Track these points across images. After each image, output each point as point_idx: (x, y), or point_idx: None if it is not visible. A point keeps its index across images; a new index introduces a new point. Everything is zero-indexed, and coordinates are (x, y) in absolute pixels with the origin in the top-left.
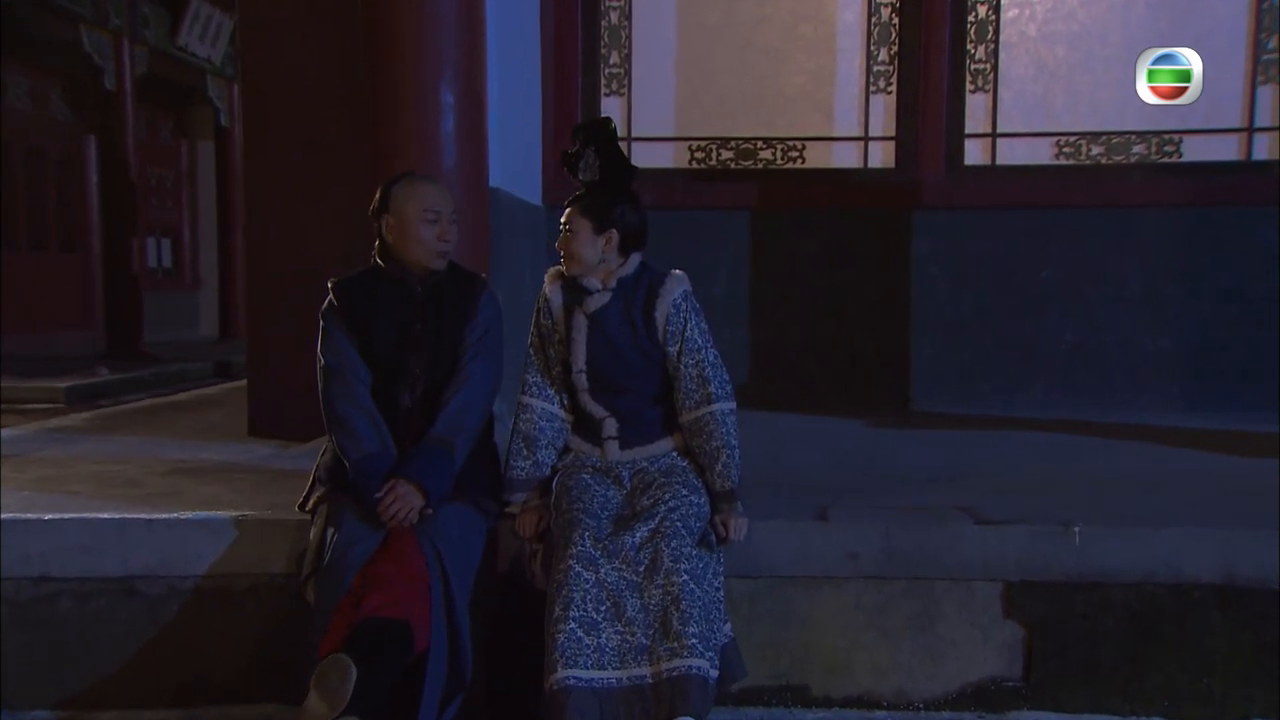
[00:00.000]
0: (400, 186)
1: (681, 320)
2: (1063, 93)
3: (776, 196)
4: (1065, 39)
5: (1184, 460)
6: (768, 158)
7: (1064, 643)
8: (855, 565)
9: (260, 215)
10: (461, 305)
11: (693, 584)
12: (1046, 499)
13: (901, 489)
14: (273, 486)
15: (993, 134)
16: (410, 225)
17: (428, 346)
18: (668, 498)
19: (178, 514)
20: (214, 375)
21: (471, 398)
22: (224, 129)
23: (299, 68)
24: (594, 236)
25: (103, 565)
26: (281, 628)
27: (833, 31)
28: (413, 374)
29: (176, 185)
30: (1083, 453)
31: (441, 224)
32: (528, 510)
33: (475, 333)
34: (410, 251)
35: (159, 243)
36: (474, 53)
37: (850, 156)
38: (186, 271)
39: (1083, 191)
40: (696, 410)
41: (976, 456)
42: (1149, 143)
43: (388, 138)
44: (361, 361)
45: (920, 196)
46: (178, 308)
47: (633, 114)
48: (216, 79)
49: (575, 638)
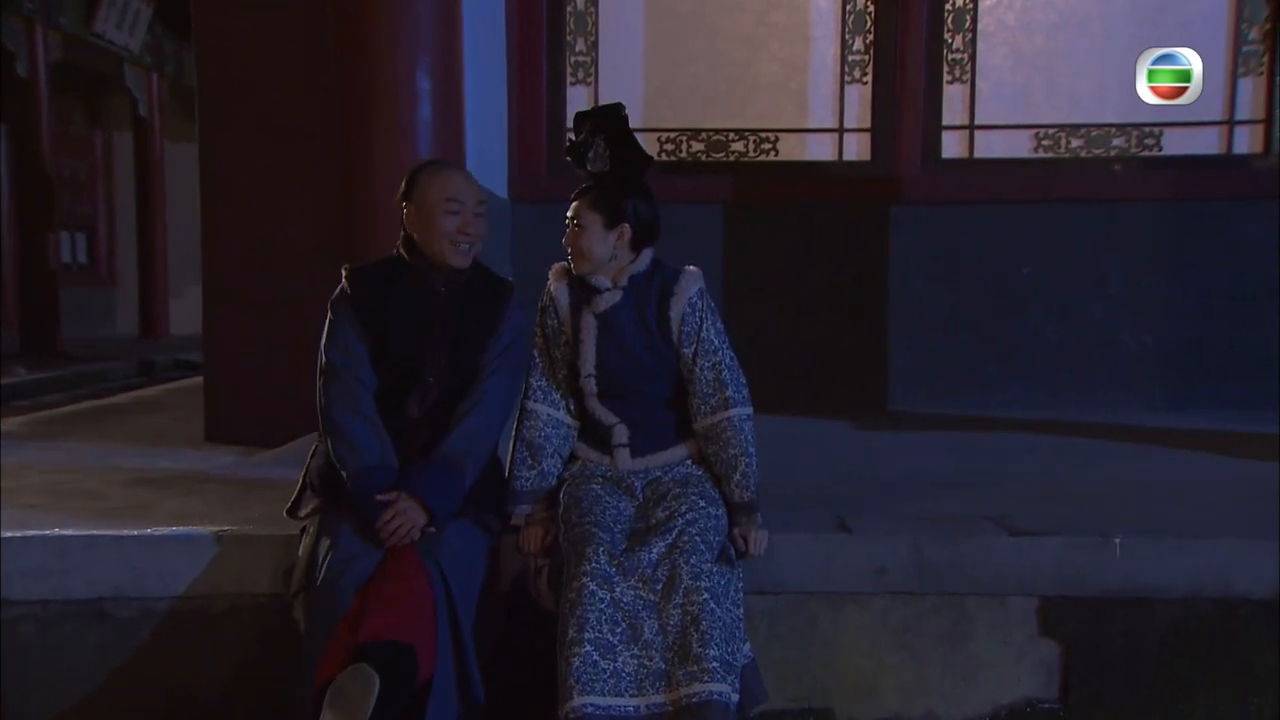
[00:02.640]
0: (425, 173)
1: (697, 320)
2: (1042, 84)
3: (749, 190)
4: (1044, 28)
5: (1195, 464)
6: (739, 150)
7: (1103, 662)
8: (882, 580)
9: (218, 205)
10: (486, 312)
11: (713, 603)
12: (1071, 507)
13: (914, 497)
14: (246, 498)
15: (970, 126)
16: (431, 215)
17: (445, 353)
18: (684, 510)
19: (151, 530)
20: (137, 375)
21: (489, 416)
22: (143, 119)
23: (261, 45)
24: (605, 232)
25: (69, 587)
26: (265, 652)
27: (806, 19)
28: (426, 382)
29: (91, 177)
30: (1088, 456)
31: (465, 215)
32: (532, 524)
33: (499, 344)
34: (431, 244)
35: (73, 237)
36: (451, 36)
37: (824, 149)
38: (103, 267)
39: (1063, 185)
40: (713, 416)
41: (980, 461)
42: (1129, 136)
43: (360, 125)
44: (369, 362)
45: (897, 190)
46: (94, 305)
47: (599, 104)
48: (134, 68)
49: (591, 661)
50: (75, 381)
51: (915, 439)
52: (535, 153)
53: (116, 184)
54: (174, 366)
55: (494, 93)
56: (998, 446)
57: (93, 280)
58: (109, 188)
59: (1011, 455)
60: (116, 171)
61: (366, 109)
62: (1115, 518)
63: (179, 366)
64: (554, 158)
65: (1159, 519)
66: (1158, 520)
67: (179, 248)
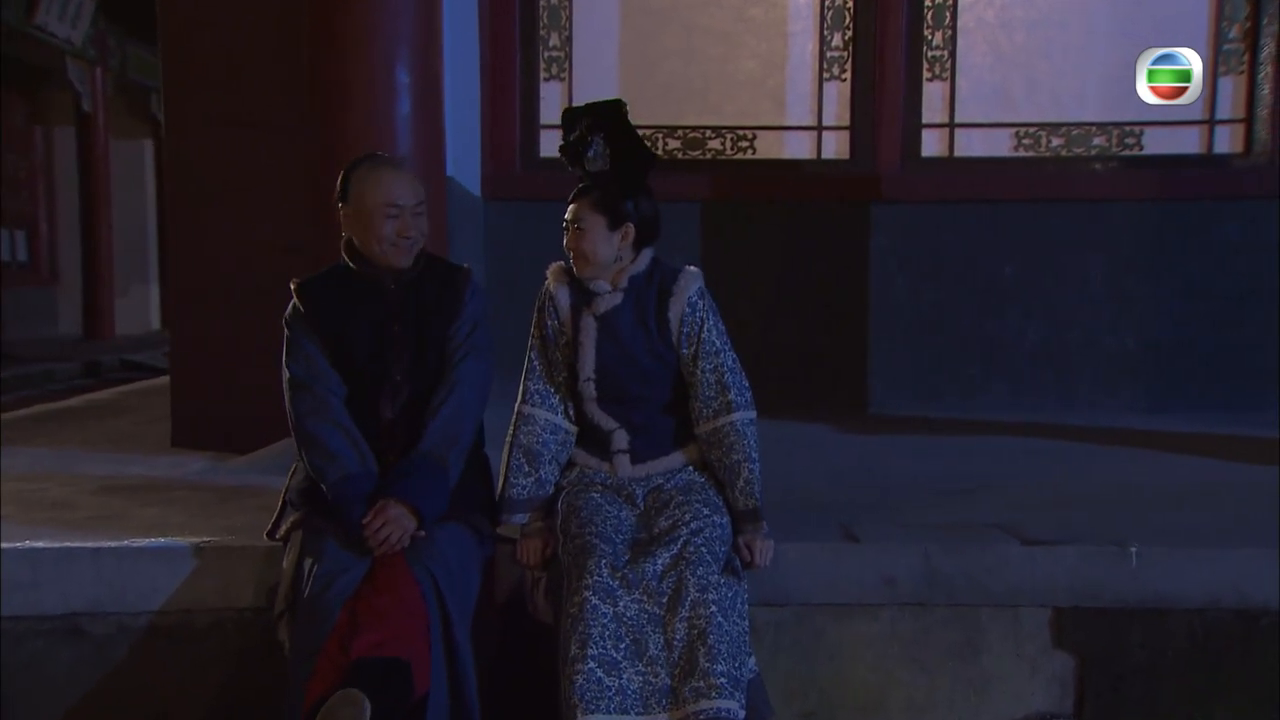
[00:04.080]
0: (360, 172)
1: (698, 321)
2: (1022, 81)
3: (727, 188)
4: (1024, 25)
5: (1191, 468)
6: (717, 147)
7: (1119, 675)
8: (891, 591)
9: (185, 201)
10: (444, 301)
11: (720, 616)
12: (1078, 513)
13: (915, 503)
14: (223, 507)
15: (950, 124)
16: (368, 219)
17: (409, 350)
18: (688, 519)
19: (129, 541)
20: (83, 376)
21: (463, 403)
22: (86, 114)
23: (230, 34)
24: (609, 233)
25: (41, 602)
26: (250, 670)
27: (784, 15)
28: (394, 382)
29: (32, 174)
30: (1083, 460)
31: (404, 218)
32: (530, 535)
33: (462, 330)
34: (370, 246)
35: (13, 235)
36: (431, 28)
37: (803, 147)
38: (44, 266)
39: (1045, 184)
40: (715, 420)
41: (975, 465)
42: (1109, 134)
43: (336, 120)
44: (334, 372)
45: (877, 189)
46: (35, 304)
47: (573, 100)
48: (77, 61)
49: (595, 679)
50: (19, 383)
51: (904, 442)
52: (508, 150)
53: (58, 180)
54: (121, 367)
55: (468, 88)
56: (989, 450)
57: (33, 279)
58: (50, 184)
59: (1005, 459)
60: (58, 168)
61: (343, 103)
62: (1127, 525)
63: (126, 367)
64: (527, 155)
65: (1170, 526)
66: (1168, 528)
67: (124, 246)
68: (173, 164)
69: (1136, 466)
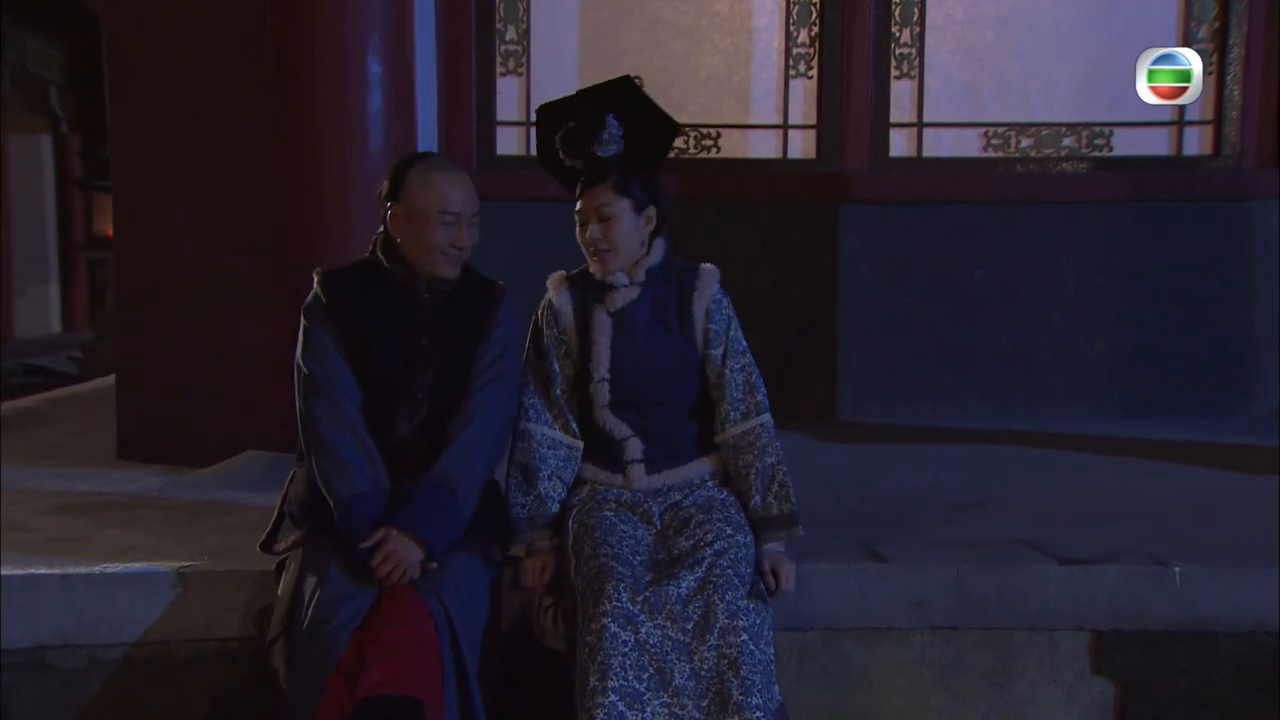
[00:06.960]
0: (416, 174)
1: (724, 319)
2: (991, 80)
3: (690, 188)
4: (993, 23)
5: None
6: (680, 146)
7: (1162, 702)
8: (922, 614)
9: (134, 198)
10: (476, 319)
11: (752, 644)
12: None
13: (930, 518)
14: (194, 526)
15: (919, 124)
16: (422, 224)
17: (433, 366)
18: (711, 539)
19: (102, 568)
20: None
21: (483, 432)
22: None
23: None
24: (636, 217)
25: (3, 634)
26: (235, 706)
27: (749, 9)
28: (414, 398)
29: None
30: (1083, 470)
31: (459, 227)
32: (533, 556)
33: (490, 353)
34: (417, 253)
35: None
36: (403, 16)
37: (768, 145)
38: None
39: (1015, 186)
40: (744, 423)
41: (973, 476)
42: (1079, 135)
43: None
44: (350, 373)
45: (845, 190)
46: None
47: (531, 96)
48: None
49: (616, 713)
50: None
51: (888, 451)
52: (464, 147)
53: None
54: (24, 372)
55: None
56: (979, 459)
57: None
58: None
59: (1001, 469)
60: None
61: (310, 96)
62: (1158, 542)
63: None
64: (484, 152)
65: (1203, 543)
66: (1202, 544)
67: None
68: (120, 159)
69: (1136, 477)
